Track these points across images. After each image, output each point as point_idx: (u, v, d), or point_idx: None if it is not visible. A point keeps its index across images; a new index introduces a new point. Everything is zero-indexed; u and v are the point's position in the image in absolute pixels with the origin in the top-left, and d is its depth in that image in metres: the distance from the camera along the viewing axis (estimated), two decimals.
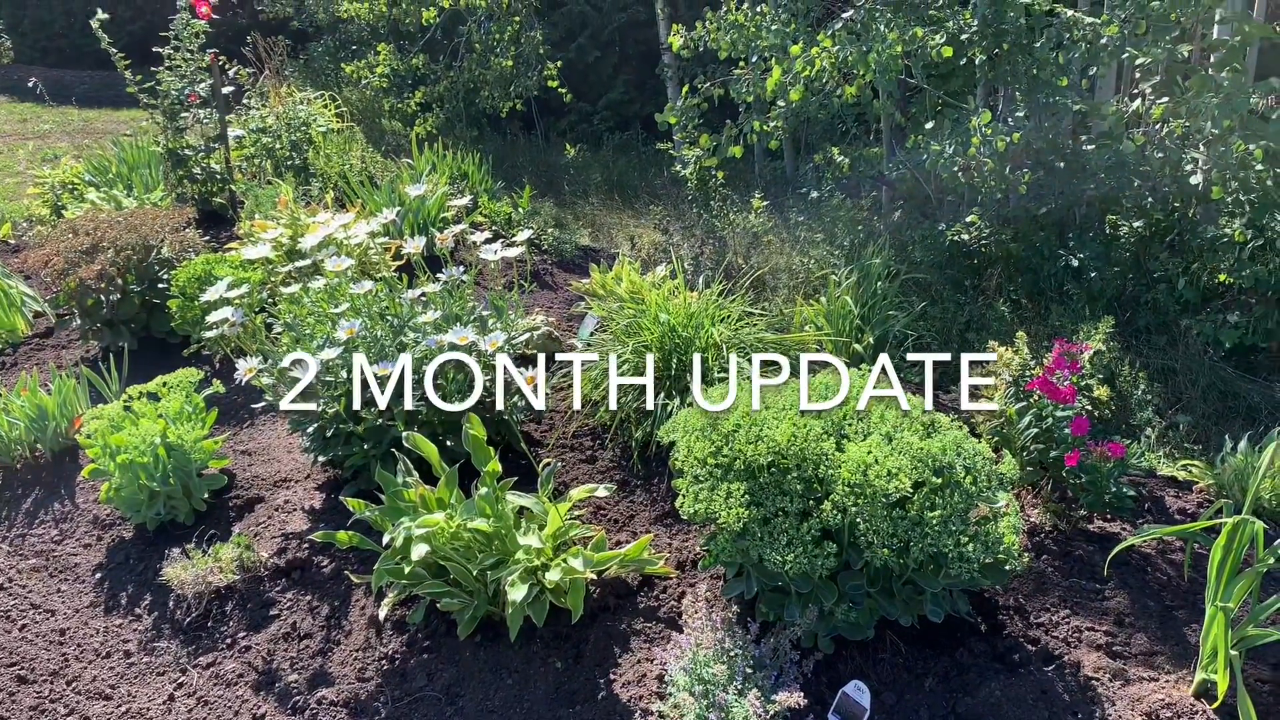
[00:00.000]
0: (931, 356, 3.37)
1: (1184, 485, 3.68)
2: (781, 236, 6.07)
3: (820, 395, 2.83)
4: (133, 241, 4.85)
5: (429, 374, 3.23)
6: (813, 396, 2.82)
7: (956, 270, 5.49)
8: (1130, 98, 5.26)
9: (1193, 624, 2.93)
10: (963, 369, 3.24)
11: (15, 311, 5.33)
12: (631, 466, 3.74)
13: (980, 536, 2.55)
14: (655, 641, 2.93)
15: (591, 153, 9.09)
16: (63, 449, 4.24)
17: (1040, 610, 2.99)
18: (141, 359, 4.80)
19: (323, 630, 3.14)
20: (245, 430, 4.35)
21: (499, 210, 6.38)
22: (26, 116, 10.93)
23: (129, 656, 3.19)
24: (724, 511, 2.57)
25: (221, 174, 6.51)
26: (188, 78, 6.31)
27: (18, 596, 3.51)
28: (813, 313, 4.65)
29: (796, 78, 5.02)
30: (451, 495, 3.11)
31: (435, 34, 8.77)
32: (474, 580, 2.95)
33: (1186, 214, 4.97)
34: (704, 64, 7.80)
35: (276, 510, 3.71)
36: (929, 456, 2.57)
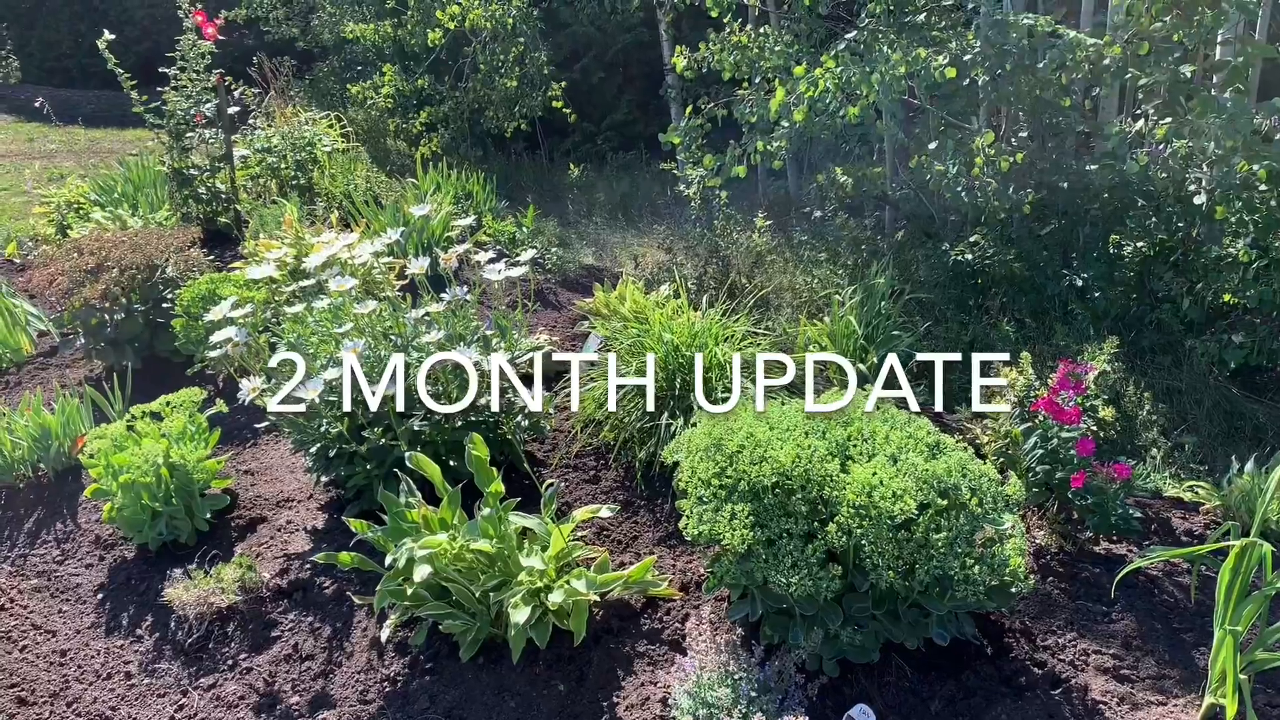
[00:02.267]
0: (942, 356, 3.36)
1: (1190, 507, 3.66)
2: (785, 256, 6.08)
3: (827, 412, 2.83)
4: (137, 261, 4.86)
5: (420, 375, 3.25)
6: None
7: (960, 290, 5.49)
8: (1133, 118, 5.27)
9: (1201, 647, 2.90)
10: (973, 369, 3.22)
11: (20, 331, 5.33)
12: (635, 487, 3.72)
13: (986, 559, 2.54)
14: (659, 664, 2.91)
15: (595, 172, 9.11)
16: (66, 468, 4.23)
17: (1047, 633, 2.97)
18: (145, 378, 4.80)
19: (324, 652, 3.13)
20: (248, 450, 4.34)
21: (503, 230, 6.39)
22: (33, 136, 10.99)
23: (130, 678, 3.17)
24: (728, 533, 2.56)
25: (226, 194, 6.52)
26: (194, 98, 6.33)
27: (19, 617, 3.50)
28: (816, 332, 4.64)
29: (800, 98, 5.03)
30: (454, 516, 3.10)
31: (440, 55, 8.82)
32: (476, 602, 2.93)
33: (1190, 234, 4.97)
34: (707, 85, 7.84)
35: (279, 530, 3.69)
36: (934, 478, 2.56)
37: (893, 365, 2.99)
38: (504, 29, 8.17)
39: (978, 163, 4.90)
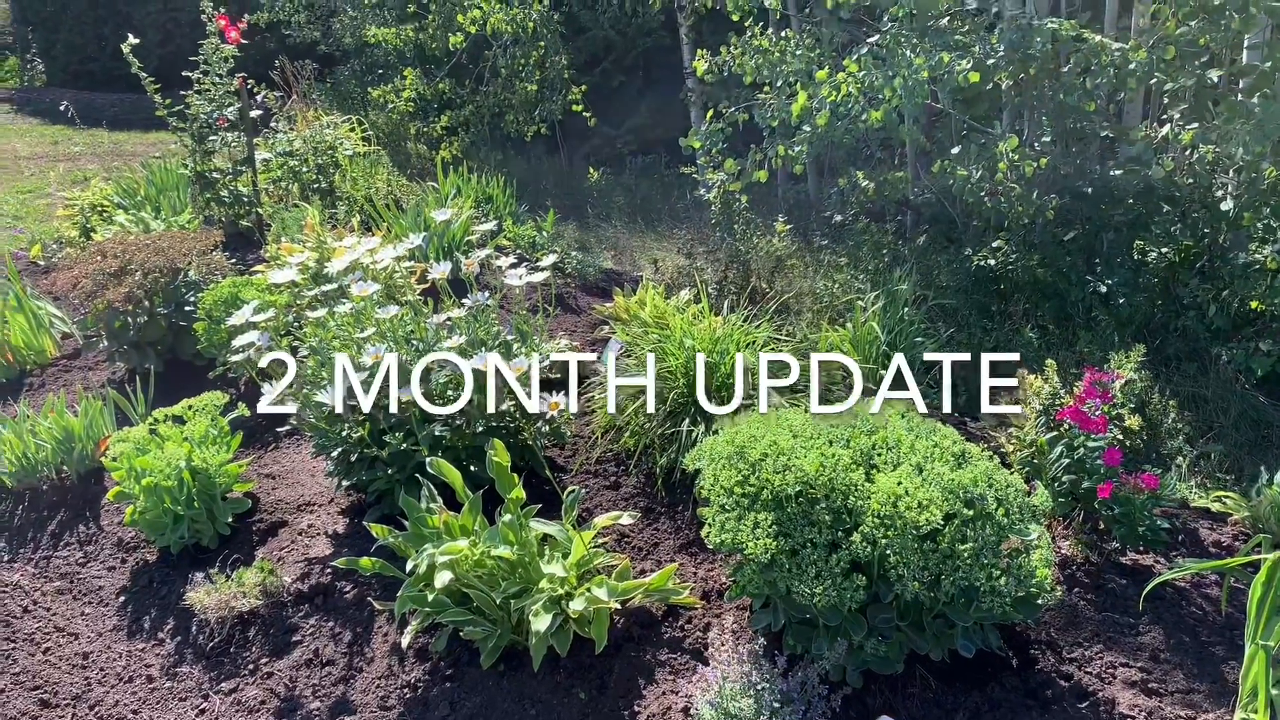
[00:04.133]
0: (950, 356, 3.35)
1: (1218, 517, 3.61)
2: (805, 260, 6.06)
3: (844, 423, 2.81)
4: (160, 264, 4.88)
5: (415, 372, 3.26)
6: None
7: (982, 295, 5.45)
8: (1159, 123, 5.22)
9: (1231, 661, 2.86)
10: (983, 369, 3.20)
11: (44, 333, 5.37)
12: (655, 493, 3.71)
13: (1012, 570, 2.51)
14: (680, 673, 2.90)
15: (615, 176, 9.11)
16: (89, 471, 4.25)
17: (1073, 645, 2.94)
18: (167, 381, 4.82)
19: (345, 657, 3.12)
20: (269, 453, 4.35)
21: (523, 234, 6.39)
22: (58, 139, 11.09)
23: (151, 681, 3.18)
24: (751, 542, 2.54)
25: (249, 197, 6.55)
26: (216, 101, 6.36)
27: (42, 619, 3.52)
28: (838, 338, 4.62)
29: (822, 103, 5.01)
30: (475, 522, 3.09)
31: (461, 58, 8.84)
32: (497, 609, 2.92)
33: (1217, 240, 4.92)
34: (728, 89, 7.83)
35: (300, 534, 3.70)
36: (960, 488, 2.53)
37: (900, 365, 2.99)
38: (525, 33, 8.19)
39: (1001, 168, 4.86)
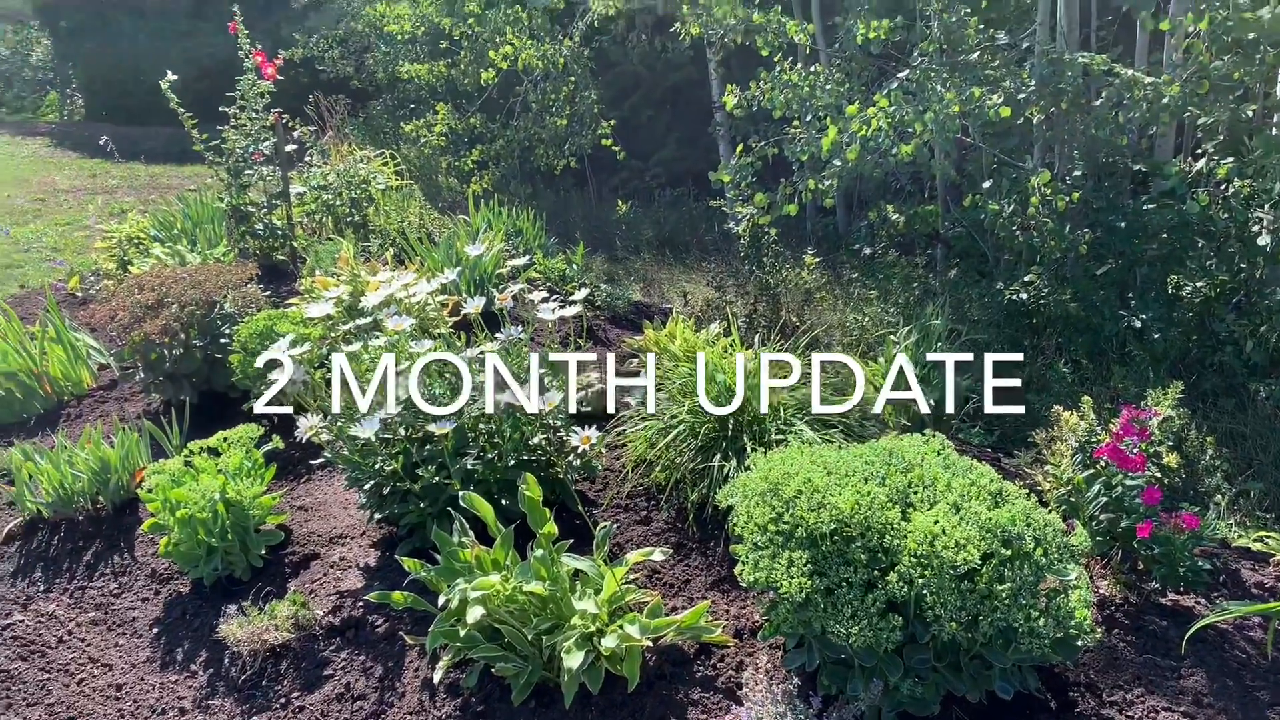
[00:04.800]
0: (954, 356, 3.37)
1: (1259, 557, 3.55)
2: (835, 293, 6.05)
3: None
4: (196, 297, 4.95)
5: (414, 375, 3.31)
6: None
7: (1014, 330, 5.42)
8: (1193, 157, 5.19)
9: (1276, 706, 2.80)
10: (986, 369, 3.20)
11: (81, 364, 5.45)
12: (687, 529, 3.69)
13: (1051, 610, 2.47)
14: (713, 713, 2.87)
15: (643, 209, 9.16)
16: (124, 501, 4.29)
17: (1113, 688, 2.88)
18: (202, 413, 4.87)
19: (376, 692, 3.12)
20: (302, 485, 4.38)
21: (553, 267, 6.43)
22: (96, 172, 11.30)
23: (184, 714, 3.19)
24: (785, 581, 2.52)
25: (283, 230, 6.64)
26: (252, 136, 6.47)
27: (76, 650, 3.54)
28: (870, 373, 4.59)
29: (853, 137, 5.03)
30: (507, 556, 3.09)
31: (492, 94, 8.95)
32: (529, 645, 2.91)
33: (1254, 275, 4.87)
34: (756, 122, 7.87)
35: (332, 567, 3.71)
36: (998, 527, 2.50)
37: (901, 366, 3.07)
38: (555, 68, 8.29)
39: (1033, 202, 4.85)
